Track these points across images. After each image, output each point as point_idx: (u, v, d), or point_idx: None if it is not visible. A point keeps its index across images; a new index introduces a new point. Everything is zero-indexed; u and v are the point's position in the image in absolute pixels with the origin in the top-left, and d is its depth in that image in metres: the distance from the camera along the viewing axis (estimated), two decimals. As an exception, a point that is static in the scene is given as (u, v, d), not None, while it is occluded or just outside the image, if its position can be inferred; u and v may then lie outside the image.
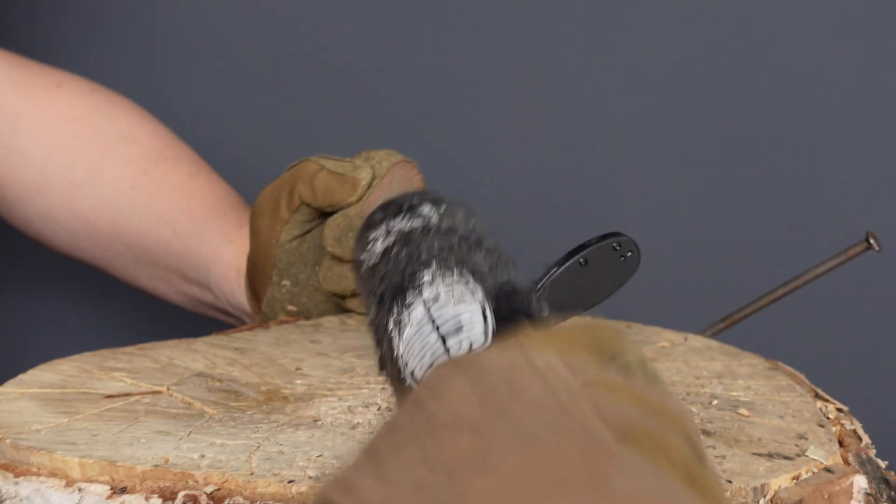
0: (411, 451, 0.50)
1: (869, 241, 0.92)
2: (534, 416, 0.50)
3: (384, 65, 1.42)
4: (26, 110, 1.11)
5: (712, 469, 0.52)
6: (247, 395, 0.81)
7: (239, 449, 0.72)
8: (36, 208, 1.12)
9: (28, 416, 0.76)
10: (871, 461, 0.75)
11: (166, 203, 1.08)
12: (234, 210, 1.08)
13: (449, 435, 0.50)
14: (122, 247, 1.10)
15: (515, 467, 0.48)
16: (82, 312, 1.50)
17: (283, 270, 0.99)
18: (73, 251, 1.14)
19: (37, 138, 1.11)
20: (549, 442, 0.49)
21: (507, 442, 0.49)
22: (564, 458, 0.48)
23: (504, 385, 0.52)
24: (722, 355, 0.89)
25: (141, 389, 0.81)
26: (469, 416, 0.51)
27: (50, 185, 1.11)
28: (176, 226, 1.07)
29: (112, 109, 1.13)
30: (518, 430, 0.50)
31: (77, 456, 0.71)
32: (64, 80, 1.13)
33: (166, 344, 0.90)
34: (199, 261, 1.07)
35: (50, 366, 0.84)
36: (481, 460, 0.48)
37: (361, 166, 0.96)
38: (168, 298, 1.13)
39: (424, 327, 0.64)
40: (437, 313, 0.64)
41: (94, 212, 1.10)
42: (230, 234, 1.06)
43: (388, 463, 0.50)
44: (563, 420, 0.50)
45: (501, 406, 0.51)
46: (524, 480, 0.47)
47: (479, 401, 0.51)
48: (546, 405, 0.51)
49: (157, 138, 1.12)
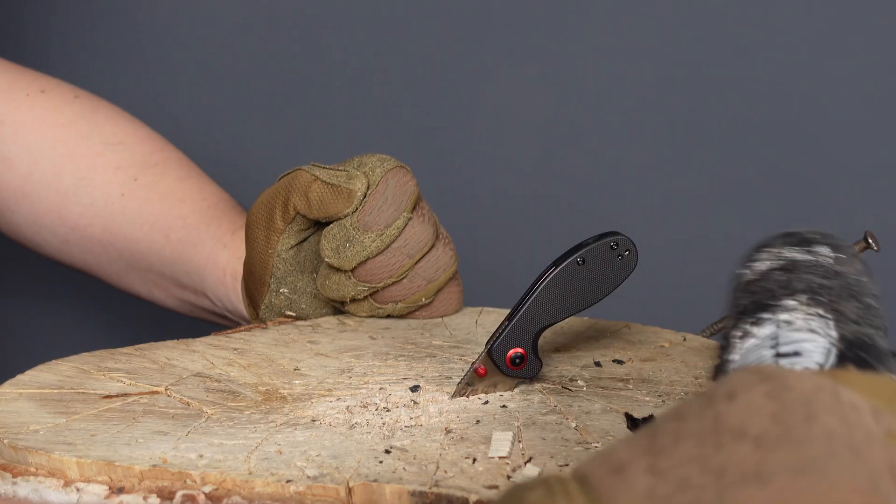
0: (689, 446, 0.50)
1: (868, 240, 0.92)
2: (822, 444, 0.49)
3: (382, 65, 1.42)
4: (9, 116, 1.11)
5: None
6: (245, 395, 0.81)
7: (237, 449, 0.72)
8: (24, 215, 1.12)
9: (26, 416, 0.76)
10: (869, 460, 0.75)
11: (158, 209, 1.08)
12: (226, 214, 1.07)
13: (731, 439, 0.50)
14: (115, 253, 1.10)
15: (788, 487, 0.47)
16: (81, 313, 1.50)
17: (281, 279, 0.99)
18: (64, 257, 1.13)
19: (20, 145, 1.10)
20: (830, 473, 0.47)
21: (787, 460, 0.48)
22: (840, 493, 0.47)
23: (801, 406, 0.51)
24: (721, 355, 0.89)
25: (139, 390, 0.81)
26: (756, 426, 0.50)
27: (36, 191, 1.10)
28: (169, 233, 1.07)
29: (96, 114, 1.12)
30: (801, 453, 0.48)
31: (75, 456, 0.71)
32: (48, 86, 1.13)
33: (164, 344, 0.90)
34: (193, 267, 1.06)
35: (48, 366, 0.84)
36: (755, 472, 0.48)
37: (356, 176, 0.95)
38: (164, 303, 1.12)
39: (766, 342, 0.63)
40: (785, 335, 0.63)
41: (84, 219, 1.09)
42: (223, 240, 1.05)
43: (663, 452, 0.50)
44: (851, 458, 0.49)
45: (792, 425, 0.50)
46: (793, 501, 0.46)
47: (772, 414, 0.50)
48: (838, 437, 0.49)
49: (143, 142, 1.11)
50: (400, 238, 0.95)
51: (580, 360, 0.88)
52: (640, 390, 0.82)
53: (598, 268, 0.81)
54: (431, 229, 0.96)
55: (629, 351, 0.90)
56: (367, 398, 0.80)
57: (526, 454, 0.72)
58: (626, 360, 0.88)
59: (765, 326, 0.63)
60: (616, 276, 0.81)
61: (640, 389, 0.82)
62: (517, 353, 0.81)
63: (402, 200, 0.95)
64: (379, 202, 0.94)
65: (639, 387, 0.83)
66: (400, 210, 0.94)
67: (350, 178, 0.95)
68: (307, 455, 0.71)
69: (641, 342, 0.92)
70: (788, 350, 0.62)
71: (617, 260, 0.81)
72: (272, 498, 0.68)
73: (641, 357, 0.89)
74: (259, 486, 0.68)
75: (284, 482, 0.68)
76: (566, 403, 0.79)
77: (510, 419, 0.77)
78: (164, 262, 1.08)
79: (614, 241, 0.81)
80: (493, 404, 0.80)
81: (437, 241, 0.97)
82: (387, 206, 0.94)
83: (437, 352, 0.89)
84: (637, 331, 0.94)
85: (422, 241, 0.95)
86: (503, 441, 0.73)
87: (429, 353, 0.89)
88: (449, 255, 0.98)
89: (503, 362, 0.81)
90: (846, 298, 0.65)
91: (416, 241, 0.95)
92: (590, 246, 0.81)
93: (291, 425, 0.76)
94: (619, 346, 0.91)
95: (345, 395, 0.81)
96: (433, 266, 0.97)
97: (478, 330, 0.95)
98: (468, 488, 0.67)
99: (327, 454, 0.71)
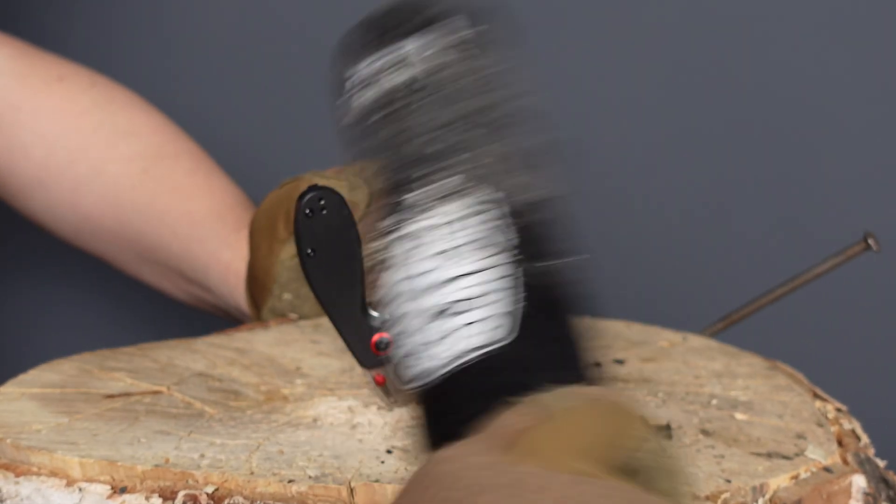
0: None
1: (867, 241, 0.92)
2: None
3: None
4: (26, 102, 1.11)
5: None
6: (247, 394, 0.81)
7: (239, 449, 0.72)
8: (39, 202, 1.12)
9: (28, 415, 0.76)
10: (869, 461, 0.75)
11: (166, 205, 1.08)
12: (231, 211, 1.07)
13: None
14: (126, 244, 1.10)
15: None
16: (82, 312, 1.50)
17: (285, 285, 0.99)
18: (78, 244, 1.14)
19: (36, 133, 1.11)
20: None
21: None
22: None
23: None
24: (721, 355, 0.89)
25: (141, 389, 0.81)
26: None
27: (51, 180, 1.11)
28: (176, 228, 1.07)
29: (111, 104, 1.12)
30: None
31: (77, 456, 0.71)
32: (66, 73, 1.13)
33: (166, 344, 0.90)
34: (198, 264, 1.07)
35: (50, 366, 0.84)
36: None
37: (358, 187, 0.94)
38: (173, 295, 1.13)
39: (412, 268, 0.50)
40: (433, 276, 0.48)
41: (97, 210, 1.10)
42: (228, 239, 1.05)
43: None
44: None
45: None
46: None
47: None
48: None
49: (156, 132, 1.12)
50: None
51: (581, 361, 0.88)
52: (641, 390, 0.82)
53: (325, 236, 0.75)
54: None
55: (629, 351, 0.90)
56: (369, 398, 0.80)
57: (527, 454, 0.72)
58: (626, 360, 0.88)
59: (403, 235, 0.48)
60: (342, 225, 0.75)
61: (640, 389, 0.82)
62: (379, 340, 0.76)
63: None
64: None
65: (639, 387, 0.83)
66: None
67: (352, 189, 0.94)
68: (309, 455, 0.71)
69: (641, 342, 0.92)
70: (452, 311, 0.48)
71: (322, 214, 0.75)
72: (274, 498, 0.68)
73: (642, 357, 0.89)
74: (261, 487, 0.68)
75: (286, 482, 0.68)
76: (567, 403, 0.79)
77: (511, 419, 0.77)
78: (171, 256, 1.08)
79: (308, 209, 0.74)
80: (495, 404, 0.80)
81: None
82: None
83: (439, 352, 0.89)
84: (637, 331, 0.94)
85: None
86: (504, 441, 0.73)
87: (430, 352, 0.89)
88: None
89: (374, 357, 0.76)
90: (490, 138, 0.46)
91: None
92: (299, 233, 0.75)
93: (293, 425, 0.76)
94: (619, 346, 0.91)
95: (347, 395, 0.81)
96: None
97: (479, 330, 0.95)
98: (469, 488, 0.67)
99: (329, 454, 0.72)
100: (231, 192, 1.10)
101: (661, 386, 0.83)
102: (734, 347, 0.91)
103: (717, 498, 0.68)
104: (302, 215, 0.74)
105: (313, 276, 0.75)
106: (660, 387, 0.83)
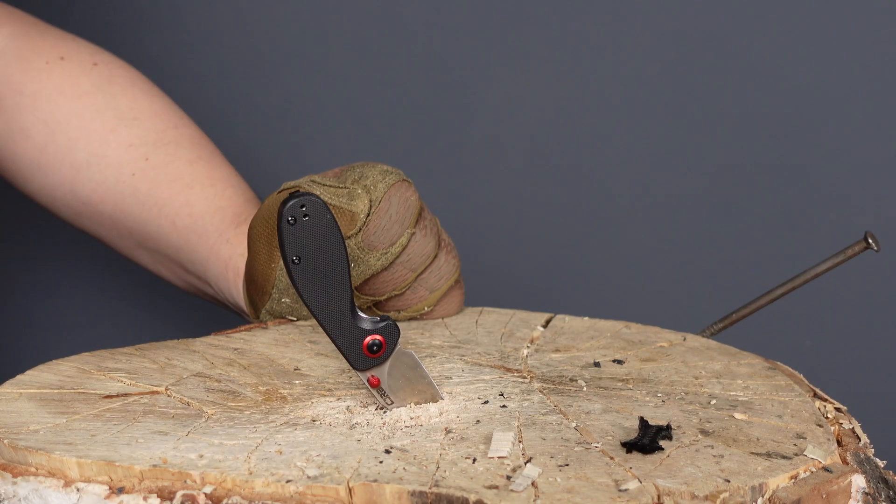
0: None
1: (867, 240, 0.92)
2: None
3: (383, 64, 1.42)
4: (28, 85, 1.10)
5: None
6: (245, 395, 0.81)
7: (237, 449, 0.72)
8: (38, 185, 1.12)
9: (26, 416, 0.76)
10: (869, 461, 0.75)
11: (166, 194, 1.07)
12: (232, 203, 1.07)
13: None
14: (125, 230, 1.10)
15: None
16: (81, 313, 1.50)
17: (283, 290, 0.98)
18: (77, 226, 1.14)
19: (36, 116, 1.10)
20: None
21: None
22: None
23: None
24: (721, 355, 0.89)
25: (139, 390, 0.81)
26: None
27: (50, 164, 1.10)
28: (175, 219, 1.07)
29: (112, 85, 1.11)
30: None
31: (75, 456, 0.71)
32: (68, 52, 1.11)
33: (164, 344, 0.90)
34: (197, 256, 1.06)
35: (48, 366, 0.84)
36: None
37: (358, 195, 0.93)
38: (171, 282, 1.13)
39: None
40: None
41: (96, 195, 1.10)
42: (226, 234, 1.05)
43: None
44: None
45: None
46: None
47: None
48: None
49: (158, 117, 1.11)
50: (403, 254, 0.94)
51: (580, 360, 0.88)
52: (640, 390, 0.82)
53: (309, 243, 0.76)
54: (434, 241, 0.96)
55: (629, 351, 0.90)
56: (367, 398, 0.80)
57: (526, 454, 0.72)
58: (625, 360, 0.88)
59: None
60: (326, 231, 0.75)
61: (640, 389, 0.82)
62: (371, 342, 0.78)
63: (405, 217, 0.94)
64: (383, 221, 0.93)
65: (639, 387, 0.83)
66: (403, 227, 0.94)
67: (352, 197, 0.93)
68: (307, 455, 0.71)
69: (641, 342, 0.92)
70: None
71: (305, 221, 0.75)
72: (272, 498, 0.68)
73: (641, 357, 0.89)
74: (259, 487, 0.68)
75: (284, 482, 0.68)
76: (566, 403, 0.79)
77: (510, 419, 0.77)
78: (170, 246, 1.08)
79: (291, 217, 0.75)
80: (493, 404, 0.80)
81: (439, 251, 0.96)
82: (390, 225, 0.93)
83: (437, 352, 0.89)
84: (637, 331, 0.94)
85: (424, 254, 0.95)
86: (503, 441, 0.73)
87: (429, 353, 0.89)
88: (451, 263, 0.97)
89: (367, 359, 0.78)
90: None
91: (418, 255, 0.95)
92: (283, 242, 0.75)
93: (291, 425, 0.76)
94: (619, 346, 0.91)
95: (345, 396, 0.81)
96: (435, 276, 0.96)
97: (478, 330, 0.95)
98: (468, 488, 0.67)
99: (327, 454, 0.71)
100: (232, 182, 1.09)
101: (660, 386, 0.83)
102: (734, 348, 0.91)
103: (716, 497, 0.68)
104: (284, 224, 0.75)
105: (300, 283, 0.76)
106: (659, 387, 0.83)
